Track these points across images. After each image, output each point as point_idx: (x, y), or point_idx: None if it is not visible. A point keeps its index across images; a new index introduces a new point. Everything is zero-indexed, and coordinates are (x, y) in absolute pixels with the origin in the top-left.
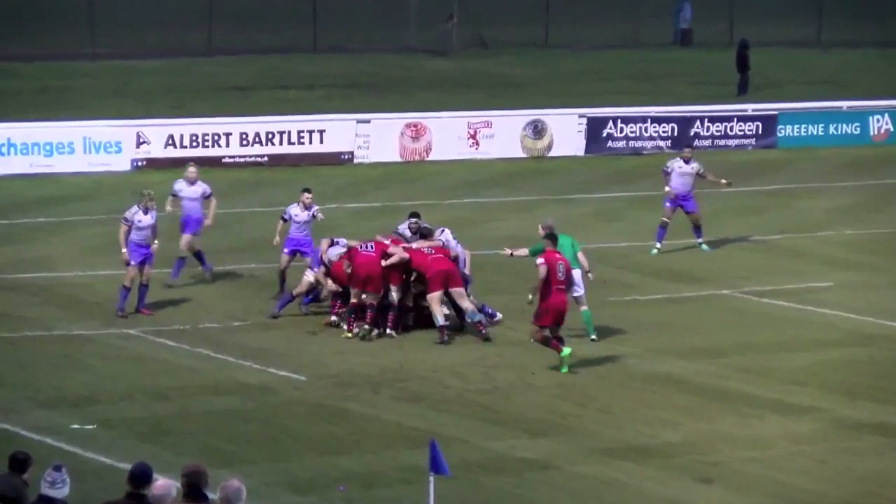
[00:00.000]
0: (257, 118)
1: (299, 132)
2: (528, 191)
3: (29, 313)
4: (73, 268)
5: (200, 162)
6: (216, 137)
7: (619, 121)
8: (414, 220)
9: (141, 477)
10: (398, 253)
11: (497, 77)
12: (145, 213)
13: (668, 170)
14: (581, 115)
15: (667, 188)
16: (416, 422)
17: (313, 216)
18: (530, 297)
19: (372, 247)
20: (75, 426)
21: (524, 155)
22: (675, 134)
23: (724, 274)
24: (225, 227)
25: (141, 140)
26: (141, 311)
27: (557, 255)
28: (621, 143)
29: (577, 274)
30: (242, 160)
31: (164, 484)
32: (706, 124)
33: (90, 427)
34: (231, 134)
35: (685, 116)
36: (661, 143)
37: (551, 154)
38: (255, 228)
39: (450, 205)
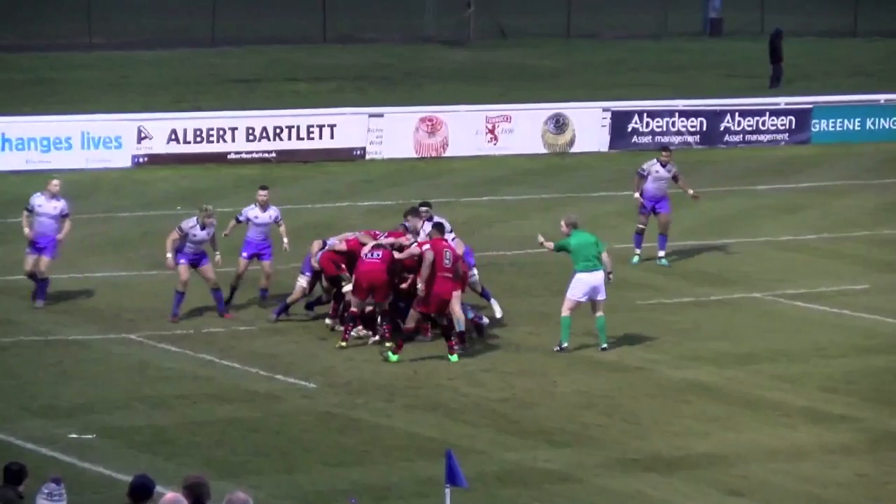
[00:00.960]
0: (264, 112)
1: (308, 127)
2: (549, 188)
3: (23, 317)
4: (69, 269)
5: (204, 158)
6: (221, 132)
7: (645, 115)
8: (425, 209)
9: (141, 490)
10: (410, 249)
11: (517, 68)
12: (202, 228)
13: (644, 173)
14: (605, 109)
15: (636, 195)
16: (430, 431)
17: (276, 221)
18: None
19: (379, 254)
20: (73, 435)
21: (545, 151)
22: (704, 129)
23: (756, 276)
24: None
25: (142, 135)
26: (224, 316)
27: (444, 243)
28: (647, 139)
29: (599, 276)
30: (249, 156)
31: (172, 498)
32: (737, 118)
33: (88, 437)
34: (237, 129)
35: (714, 110)
36: (690, 139)
37: (574, 150)
38: None
39: (467, 203)
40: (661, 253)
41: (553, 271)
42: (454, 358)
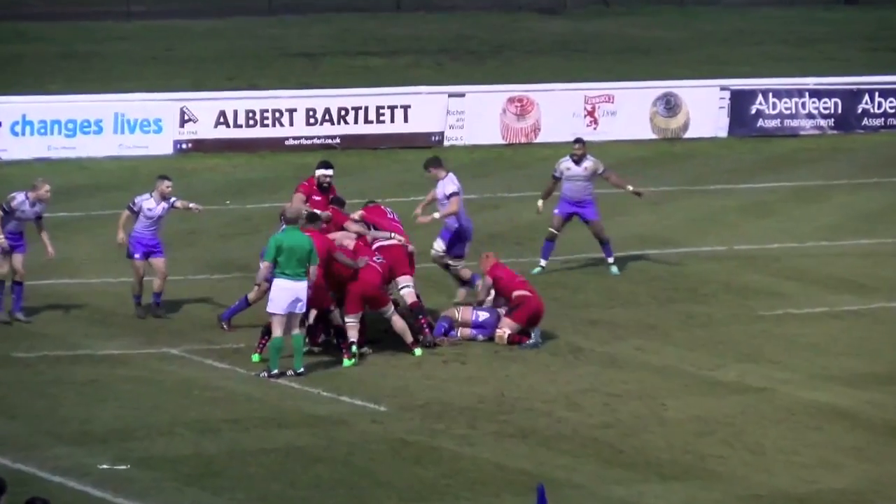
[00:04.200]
0: (328, 91)
1: (379, 108)
2: (658, 180)
3: (49, 329)
4: (102, 273)
5: (260, 144)
6: (278, 114)
7: (770, 95)
8: (327, 171)
9: None
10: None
11: (621, 41)
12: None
13: (556, 174)
14: (724, 88)
15: (539, 203)
16: (521, 463)
17: (172, 206)
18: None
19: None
20: (105, 466)
21: (654, 136)
22: (839, 111)
23: None
24: None
25: (186, 117)
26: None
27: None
28: (773, 123)
29: (304, 287)
30: (310, 142)
31: None
32: (877, 99)
33: (123, 467)
34: (296, 110)
35: (851, 90)
36: (822, 123)
37: (687, 135)
38: None
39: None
40: (611, 260)
41: (662, 276)
42: (255, 357)
